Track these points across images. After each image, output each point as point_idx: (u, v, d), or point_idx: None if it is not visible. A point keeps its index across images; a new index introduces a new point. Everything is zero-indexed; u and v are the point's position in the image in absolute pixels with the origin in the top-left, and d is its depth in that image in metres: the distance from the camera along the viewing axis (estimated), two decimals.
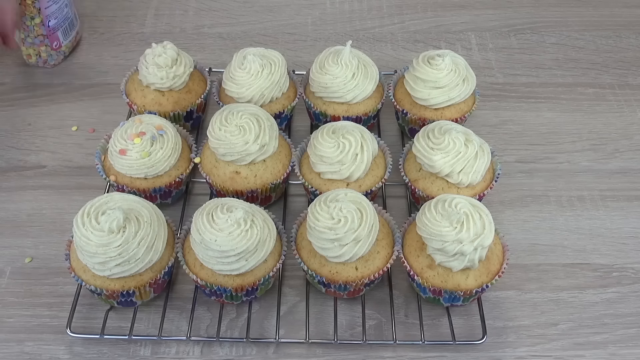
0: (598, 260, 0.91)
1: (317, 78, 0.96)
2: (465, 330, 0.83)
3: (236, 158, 0.86)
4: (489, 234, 0.76)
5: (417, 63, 0.97)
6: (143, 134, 0.87)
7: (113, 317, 0.83)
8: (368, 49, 1.21)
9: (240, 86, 0.95)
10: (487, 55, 1.21)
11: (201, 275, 0.79)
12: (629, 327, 0.84)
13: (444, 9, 1.31)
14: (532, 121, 1.09)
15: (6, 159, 1.02)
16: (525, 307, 0.86)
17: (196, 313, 0.84)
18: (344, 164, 0.86)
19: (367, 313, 0.84)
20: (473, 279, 0.78)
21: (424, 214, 0.79)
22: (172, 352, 0.81)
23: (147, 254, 0.77)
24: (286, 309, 0.85)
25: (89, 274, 0.78)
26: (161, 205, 0.90)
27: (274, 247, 0.80)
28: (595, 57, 1.21)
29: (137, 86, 0.99)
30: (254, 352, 0.81)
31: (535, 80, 1.16)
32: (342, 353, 0.81)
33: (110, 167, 0.89)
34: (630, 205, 0.97)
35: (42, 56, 1.14)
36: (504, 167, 1.00)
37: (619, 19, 1.29)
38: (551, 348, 0.82)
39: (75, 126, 1.06)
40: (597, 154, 1.04)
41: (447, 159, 0.85)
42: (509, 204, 0.97)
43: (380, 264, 0.80)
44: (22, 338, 0.82)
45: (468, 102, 0.98)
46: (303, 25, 1.27)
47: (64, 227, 0.93)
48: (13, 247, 0.91)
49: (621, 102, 1.12)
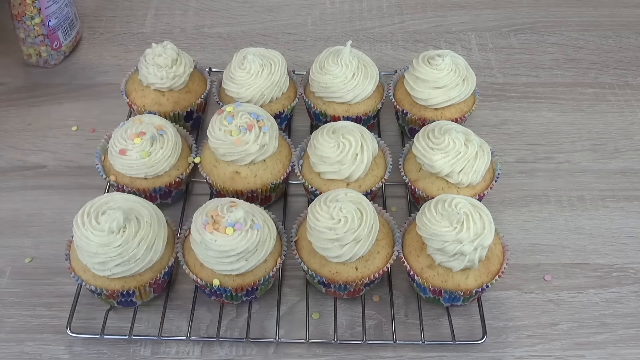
0: (598, 260, 0.91)
1: (317, 78, 0.96)
2: (465, 330, 0.83)
3: (236, 158, 0.86)
4: (489, 234, 0.76)
5: (417, 63, 0.97)
6: (143, 134, 0.87)
7: (113, 317, 0.83)
8: (368, 49, 1.21)
9: (240, 86, 0.95)
10: (487, 55, 1.21)
11: (201, 275, 0.79)
12: (629, 327, 0.84)
13: (444, 9, 1.31)
14: (532, 121, 1.09)
15: (6, 159, 1.02)
16: (525, 307, 0.86)
17: (196, 313, 0.84)
18: (344, 164, 0.86)
19: (367, 313, 0.84)
20: (473, 279, 0.79)
21: (424, 214, 0.79)
22: (172, 352, 0.81)
23: (147, 254, 0.77)
24: (286, 309, 0.85)
25: (89, 274, 0.78)
26: (161, 205, 0.90)
27: (274, 247, 0.80)
28: (595, 57, 1.21)
29: (137, 86, 0.99)
30: (254, 352, 0.81)
31: (535, 80, 1.16)
32: (342, 353, 0.81)
33: (110, 167, 0.89)
34: (630, 205, 0.97)
35: (42, 56, 1.14)
36: (504, 167, 1.00)
37: (619, 19, 1.29)
38: (551, 348, 0.82)
39: (75, 126, 1.06)
40: (597, 154, 1.04)
41: (447, 159, 0.85)
42: (509, 204, 0.97)
43: (380, 264, 0.80)
44: (22, 338, 0.82)
45: (468, 102, 0.98)
46: (303, 25, 1.27)
47: (64, 227, 0.92)
48: (13, 247, 0.91)
49: (621, 102, 1.12)
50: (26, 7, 1.06)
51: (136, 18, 1.28)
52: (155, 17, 1.28)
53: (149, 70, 0.96)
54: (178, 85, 0.97)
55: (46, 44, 1.12)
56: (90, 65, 1.17)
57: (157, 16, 1.28)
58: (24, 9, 1.06)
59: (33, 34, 1.10)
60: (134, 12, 1.29)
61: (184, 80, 0.98)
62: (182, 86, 0.98)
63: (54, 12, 1.09)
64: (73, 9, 1.16)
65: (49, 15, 1.08)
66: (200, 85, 1.01)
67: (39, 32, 1.10)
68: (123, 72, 1.04)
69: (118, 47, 1.21)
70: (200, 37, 1.24)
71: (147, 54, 0.97)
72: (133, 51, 1.20)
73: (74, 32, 1.17)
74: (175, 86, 0.97)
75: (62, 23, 1.12)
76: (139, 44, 1.22)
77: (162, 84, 0.96)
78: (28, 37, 1.11)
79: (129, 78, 1.01)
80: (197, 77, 1.01)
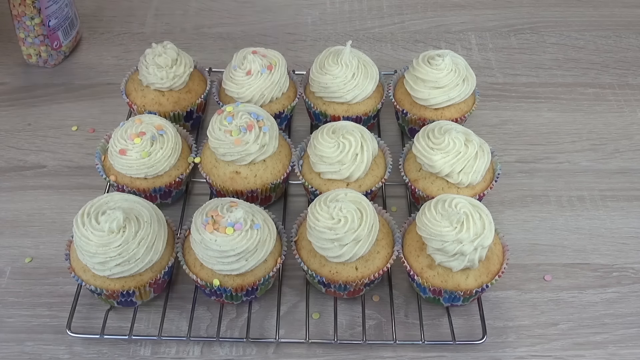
0: (598, 260, 0.91)
1: (317, 78, 0.96)
2: (465, 330, 0.83)
3: (236, 158, 0.86)
4: (489, 234, 0.76)
5: (417, 63, 0.97)
6: (143, 134, 0.87)
7: (113, 317, 0.83)
8: (368, 49, 1.21)
9: (240, 86, 0.95)
10: (487, 55, 1.21)
11: (201, 275, 0.79)
12: (628, 327, 0.84)
13: (444, 9, 1.31)
14: (532, 121, 1.09)
15: (6, 159, 1.02)
16: (525, 307, 0.86)
17: (196, 313, 0.84)
18: (344, 164, 0.86)
19: (367, 313, 0.84)
20: (473, 279, 0.79)
21: (424, 214, 0.79)
22: (172, 352, 0.81)
23: (147, 254, 0.77)
24: (286, 309, 0.85)
25: (89, 274, 0.78)
26: (161, 205, 0.90)
27: (274, 247, 0.80)
28: (595, 57, 1.21)
29: (137, 86, 0.99)
30: (254, 352, 0.81)
31: (535, 80, 1.16)
32: (342, 353, 0.81)
33: (110, 167, 0.89)
34: (630, 205, 0.97)
35: (42, 56, 1.14)
36: (504, 167, 1.00)
37: (619, 19, 1.29)
38: (551, 348, 0.82)
39: (75, 126, 1.06)
40: (597, 154, 1.04)
41: (447, 159, 0.85)
42: (509, 204, 0.97)
43: (380, 264, 0.80)
44: (22, 338, 0.82)
45: (468, 102, 0.98)
46: (303, 25, 1.27)
47: (64, 227, 0.93)
48: (13, 247, 0.91)
49: (621, 102, 1.12)
50: (26, 7, 1.06)
51: (136, 18, 1.28)
52: (155, 17, 1.28)
53: (149, 70, 0.96)
54: (178, 85, 0.97)
55: (46, 44, 1.12)
56: (90, 65, 1.17)
57: (157, 16, 1.28)
58: (24, 9, 1.06)
59: (33, 34, 1.10)
60: (134, 12, 1.29)
61: (184, 80, 0.98)
62: (182, 86, 0.98)
63: (54, 12, 1.09)
64: (73, 9, 1.16)
65: (49, 15, 1.08)
66: (200, 85, 1.01)
67: (39, 32, 1.10)
68: (123, 72, 1.04)
69: (118, 47, 1.21)
70: (200, 37, 1.24)
71: (147, 54, 0.97)
72: (133, 51, 1.20)
73: (74, 32, 1.17)
74: (175, 86, 0.97)
75: (62, 23, 1.12)
76: (139, 44, 1.22)
77: (162, 84, 0.96)
78: (28, 37, 1.11)
79: (129, 78, 1.01)
80: (197, 77, 1.01)
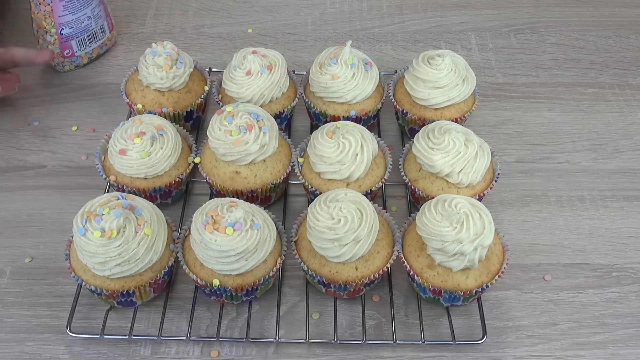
0: (598, 260, 0.91)
1: (317, 78, 0.96)
2: (465, 330, 0.83)
3: (236, 158, 0.86)
4: (489, 234, 0.76)
5: (417, 63, 0.97)
6: (143, 134, 0.87)
7: (113, 317, 0.83)
8: (368, 49, 1.21)
9: (240, 86, 0.95)
10: (487, 55, 1.21)
11: (201, 275, 0.79)
12: (628, 327, 0.84)
13: (444, 9, 1.31)
14: (532, 121, 1.09)
15: (6, 159, 1.02)
16: (525, 307, 0.86)
17: (196, 313, 0.84)
18: (344, 164, 0.86)
19: (367, 313, 0.84)
20: (473, 279, 0.79)
21: (424, 214, 0.79)
22: (172, 352, 0.81)
23: (147, 254, 0.77)
24: (286, 309, 0.85)
25: (89, 274, 0.78)
26: (161, 205, 0.90)
27: (274, 247, 0.80)
28: (595, 57, 1.21)
29: (137, 86, 0.99)
30: (254, 352, 0.81)
31: (535, 80, 1.16)
32: (342, 353, 0.81)
33: (110, 167, 0.89)
34: (630, 205, 0.97)
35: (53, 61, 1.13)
36: (504, 167, 1.00)
37: (619, 19, 1.29)
38: (551, 348, 0.82)
39: (75, 126, 1.06)
40: (597, 154, 1.04)
41: (447, 159, 0.85)
42: (509, 204, 0.97)
43: (380, 264, 0.80)
44: (22, 338, 0.82)
45: (468, 102, 0.98)
46: (303, 25, 1.27)
47: (64, 227, 0.93)
48: (13, 247, 0.91)
49: (621, 102, 1.12)
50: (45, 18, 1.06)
51: (136, 18, 1.28)
52: (155, 17, 1.28)
53: (149, 70, 0.96)
54: (178, 85, 0.97)
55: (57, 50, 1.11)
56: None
57: (157, 16, 1.28)
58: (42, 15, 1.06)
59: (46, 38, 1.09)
60: (134, 12, 1.29)
61: (184, 80, 0.98)
62: (182, 86, 0.98)
63: (68, 22, 1.08)
64: (101, 23, 1.13)
65: (62, 23, 1.08)
66: (200, 85, 1.01)
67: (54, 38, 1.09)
68: (123, 72, 1.04)
69: (118, 47, 1.21)
70: (200, 37, 1.24)
71: (147, 54, 0.97)
72: (133, 51, 1.20)
73: (94, 44, 1.14)
74: (175, 86, 0.97)
75: (78, 34, 1.11)
76: (139, 44, 1.22)
77: (162, 84, 0.96)
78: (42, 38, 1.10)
79: (129, 78, 1.01)
80: (197, 77, 1.01)
